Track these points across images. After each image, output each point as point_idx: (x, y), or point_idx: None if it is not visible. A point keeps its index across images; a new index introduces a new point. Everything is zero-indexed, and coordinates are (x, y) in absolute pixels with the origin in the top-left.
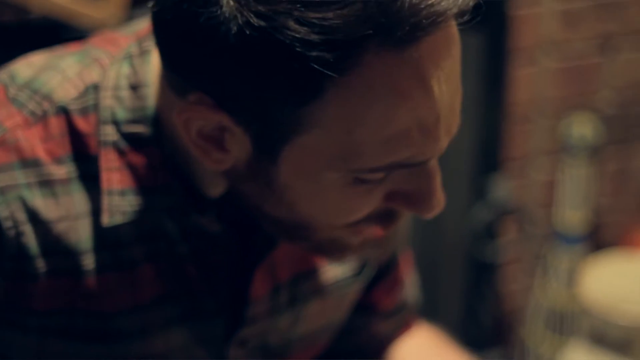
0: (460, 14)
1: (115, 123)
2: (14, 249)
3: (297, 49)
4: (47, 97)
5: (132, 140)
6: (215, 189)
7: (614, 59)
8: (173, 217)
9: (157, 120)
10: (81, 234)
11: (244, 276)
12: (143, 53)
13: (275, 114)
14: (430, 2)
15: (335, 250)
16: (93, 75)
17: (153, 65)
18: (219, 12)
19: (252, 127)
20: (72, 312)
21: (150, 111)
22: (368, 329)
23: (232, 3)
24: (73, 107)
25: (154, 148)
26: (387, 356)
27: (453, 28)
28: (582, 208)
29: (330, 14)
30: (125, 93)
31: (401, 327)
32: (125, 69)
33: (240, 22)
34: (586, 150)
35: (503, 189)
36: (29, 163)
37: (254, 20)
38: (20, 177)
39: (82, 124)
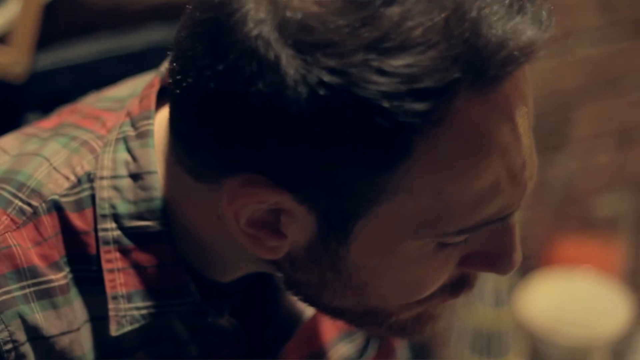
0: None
1: (116, 217)
2: None
3: (381, 104)
4: (36, 193)
5: (137, 236)
6: (232, 275)
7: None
8: (185, 318)
9: (164, 213)
10: (85, 347)
11: None
12: (141, 135)
13: (353, 184)
14: (516, 33)
15: (419, 326)
16: (84, 163)
17: (157, 149)
18: (280, 76)
19: (321, 204)
20: None
21: (157, 203)
22: None
23: (296, 62)
24: (66, 201)
25: (164, 245)
26: None
27: None
28: None
29: (414, 59)
30: (126, 183)
31: None
32: (123, 155)
33: (310, 82)
34: None
35: None
36: (24, 272)
37: (328, 78)
38: (16, 290)
39: (77, 221)
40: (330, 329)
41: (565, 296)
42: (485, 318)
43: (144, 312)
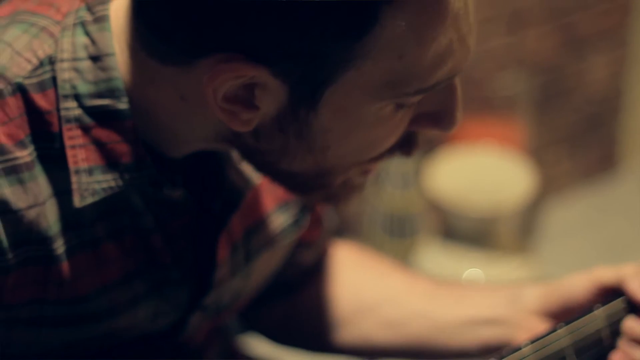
0: None
1: (77, 97)
2: None
3: None
4: (1, 76)
5: (97, 114)
6: (182, 152)
7: None
8: (140, 190)
9: (123, 92)
10: (50, 219)
11: (206, 241)
12: (98, 19)
13: (324, 54)
14: None
15: (345, 194)
16: (45, 47)
17: (114, 33)
18: None
19: (293, 76)
20: (43, 301)
21: (117, 83)
22: (292, 262)
23: None
24: (29, 83)
25: (123, 122)
26: (316, 278)
27: None
28: None
29: None
30: (86, 65)
31: (322, 252)
32: (82, 38)
33: None
34: None
35: None
36: None
37: None
38: None
39: (41, 101)
40: (268, 200)
41: (470, 171)
42: (395, 200)
43: (104, 185)
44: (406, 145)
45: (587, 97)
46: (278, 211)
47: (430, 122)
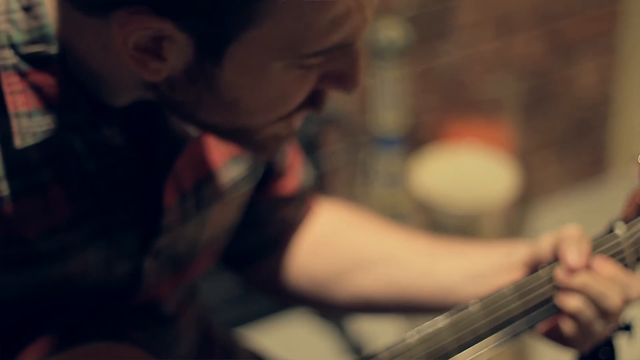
0: None
1: (13, 46)
2: None
3: None
4: None
5: (33, 60)
6: (121, 100)
7: None
8: (79, 133)
9: (55, 39)
10: None
11: (153, 187)
12: None
13: (224, 12)
14: None
15: (271, 145)
16: None
17: None
18: None
19: (198, 31)
20: None
21: (48, 29)
22: (274, 218)
23: None
24: None
25: (56, 66)
26: (301, 235)
27: None
28: (396, 110)
29: None
30: (19, 16)
31: (304, 207)
32: None
33: None
34: (395, 53)
35: None
36: None
37: None
38: None
39: None
40: (219, 153)
41: (456, 170)
42: (383, 199)
43: (44, 127)
44: (314, 102)
45: (575, 102)
46: (229, 164)
47: (334, 82)
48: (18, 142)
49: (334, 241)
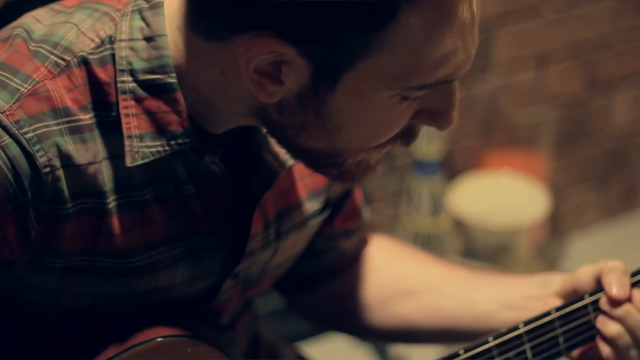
0: None
1: (132, 72)
2: (51, 194)
3: None
4: (68, 50)
5: (149, 87)
6: (222, 129)
7: None
8: (184, 158)
9: (173, 69)
10: (104, 177)
11: (241, 215)
12: (153, 6)
13: (346, 41)
14: None
15: (359, 172)
16: (106, 29)
17: (167, 17)
18: None
19: (317, 57)
20: (94, 251)
21: (167, 60)
22: (335, 250)
23: None
24: (92, 58)
25: (171, 94)
26: (357, 265)
27: None
28: (435, 138)
29: None
30: (141, 44)
31: (362, 241)
32: (138, 22)
33: None
34: None
35: None
36: (59, 111)
37: None
38: (53, 125)
39: (101, 74)
40: (301, 188)
41: (492, 193)
42: (425, 225)
43: (152, 149)
44: (407, 136)
45: (610, 134)
46: (309, 198)
47: (429, 118)
48: (128, 161)
49: (378, 270)
